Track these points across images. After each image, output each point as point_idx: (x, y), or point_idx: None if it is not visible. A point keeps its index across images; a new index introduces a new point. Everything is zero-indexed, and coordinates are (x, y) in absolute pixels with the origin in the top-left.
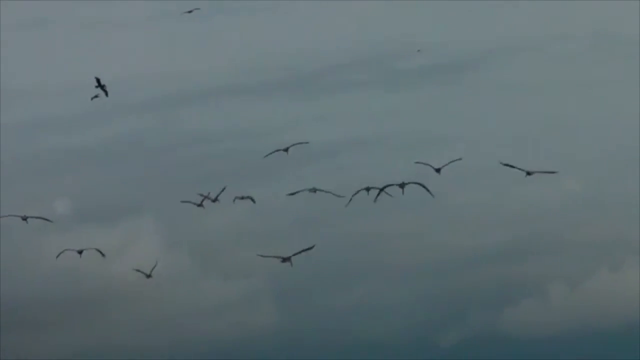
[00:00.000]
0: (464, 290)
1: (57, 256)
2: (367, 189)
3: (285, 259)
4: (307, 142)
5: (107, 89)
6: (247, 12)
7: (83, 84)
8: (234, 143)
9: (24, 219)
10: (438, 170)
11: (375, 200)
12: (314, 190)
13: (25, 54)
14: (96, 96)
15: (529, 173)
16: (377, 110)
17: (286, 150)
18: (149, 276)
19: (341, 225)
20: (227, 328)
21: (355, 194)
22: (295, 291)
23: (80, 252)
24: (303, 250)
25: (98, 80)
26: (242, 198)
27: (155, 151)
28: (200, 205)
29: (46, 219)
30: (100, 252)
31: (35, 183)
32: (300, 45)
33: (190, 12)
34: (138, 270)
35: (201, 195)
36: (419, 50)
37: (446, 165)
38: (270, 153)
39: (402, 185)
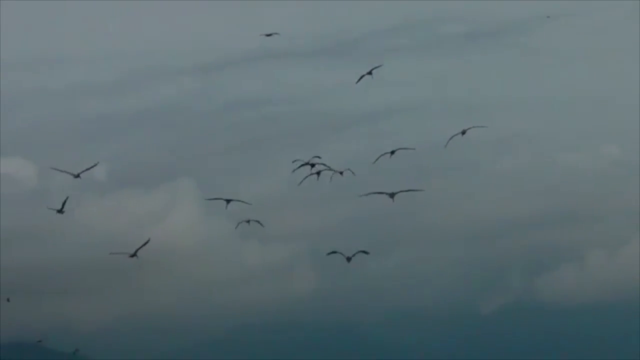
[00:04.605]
0: (503, 258)
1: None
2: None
3: (391, 195)
4: (413, 149)
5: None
6: None
7: (123, 51)
8: (278, 108)
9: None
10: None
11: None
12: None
13: (71, 23)
14: (270, 34)
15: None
16: (420, 76)
17: (392, 152)
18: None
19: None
20: (266, 292)
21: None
22: (335, 257)
23: None
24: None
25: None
26: (342, 173)
27: (196, 116)
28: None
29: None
30: None
31: (76, 148)
32: (344, 11)
33: (269, 35)
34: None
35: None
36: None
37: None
38: (378, 158)
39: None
